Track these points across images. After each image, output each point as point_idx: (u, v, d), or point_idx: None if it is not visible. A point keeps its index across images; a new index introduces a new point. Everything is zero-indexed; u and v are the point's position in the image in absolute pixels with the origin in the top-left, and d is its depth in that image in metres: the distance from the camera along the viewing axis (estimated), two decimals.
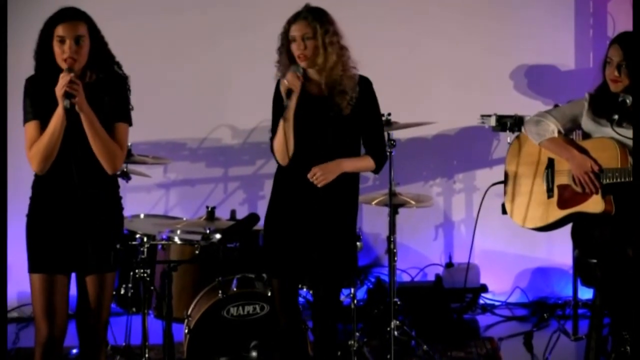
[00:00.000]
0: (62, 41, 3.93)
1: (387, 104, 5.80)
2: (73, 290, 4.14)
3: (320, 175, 4.14)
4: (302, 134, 4.17)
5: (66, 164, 4.00)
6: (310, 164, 4.16)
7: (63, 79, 3.88)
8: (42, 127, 3.95)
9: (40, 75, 4.02)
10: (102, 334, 4.14)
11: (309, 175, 4.14)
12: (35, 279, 4.02)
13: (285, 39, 4.20)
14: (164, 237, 5.34)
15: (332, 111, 4.18)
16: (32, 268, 4.02)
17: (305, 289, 5.08)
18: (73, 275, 4.11)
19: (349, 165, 4.21)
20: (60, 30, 3.93)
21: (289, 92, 4.08)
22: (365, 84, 4.26)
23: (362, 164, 4.26)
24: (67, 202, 4.02)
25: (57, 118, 3.92)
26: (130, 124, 4.13)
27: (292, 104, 4.10)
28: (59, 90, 3.88)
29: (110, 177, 4.09)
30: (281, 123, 4.10)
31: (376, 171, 4.34)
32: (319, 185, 4.14)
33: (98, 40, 4.05)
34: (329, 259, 4.22)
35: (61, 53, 3.94)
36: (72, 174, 4.00)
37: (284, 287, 4.26)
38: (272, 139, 4.24)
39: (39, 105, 3.97)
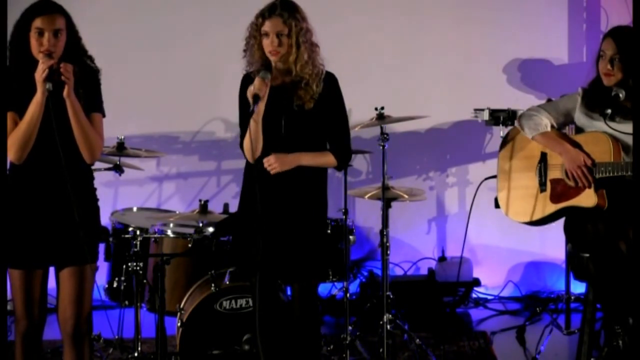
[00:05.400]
0: (40, 34, 3.90)
1: (381, 97, 5.83)
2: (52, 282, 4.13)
3: (274, 162, 4.15)
4: (265, 127, 4.16)
5: (44, 155, 3.96)
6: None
7: (44, 64, 3.85)
8: (18, 118, 3.92)
9: (15, 66, 3.98)
10: (84, 327, 4.08)
11: (264, 161, 4.15)
12: (15, 275, 4.01)
13: (257, 32, 4.18)
14: (157, 230, 5.33)
15: (295, 104, 4.18)
16: (11, 264, 4.00)
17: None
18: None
19: (307, 159, 4.21)
20: (39, 23, 3.90)
21: (256, 97, 4.03)
22: (330, 80, 4.25)
23: (322, 159, 4.26)
24: (45, 194, 3.99)
25: (35, 105, 3.89)
26: (104, 115, 4.11)
27: (259, 109, 4.07)
28: (40, 74, 3.85)
29: (86, 168, 4.08)
30: (251, 124, 4.08)
31: (339, 168, 4.35)
32: (271, 173, 4.15)
33: (74, 34, 4.02)
34: (300, 254, 4.21)
35: (38, 45, 3.91)
36: (50, 165, 3.96)
37: (261, 285, 4.26)
38: (242, 135, 4.23)
39: (13, 96, 3.94)
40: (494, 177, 4.73)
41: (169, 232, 5.34)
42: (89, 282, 4.08)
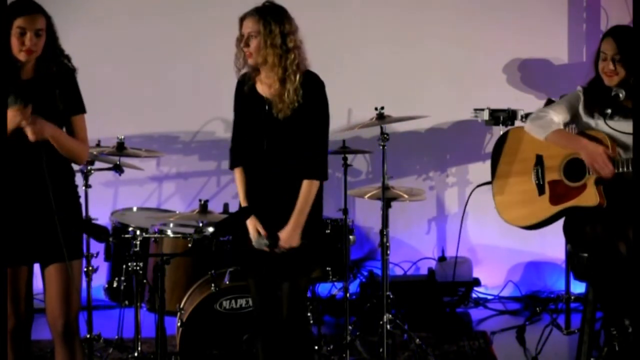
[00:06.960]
0: (22, 33, 3.92)
1: (381, 97, 5.83)
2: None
3: (286, 243, 4.13)
4: (251, 134, 4.16)
5: (24, 152, 3.95)
6: (261, 164, 4.19)
7: (19, 118, 3.85)
8: None
9: None
10: (74, 325, 4.08)
11: (274, 248, 4.15)
12: None
13: (240, 34, 4.18)
14: (157, 230, 5.34)
15: (276, 111, 4.14)
16: None
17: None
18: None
19: (304, 208, 4.12)
20: (20, 22, 3.92)
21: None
22: (311, 85, 4.13)
23: (312, 194, 4.14)
24: (26, 191, 3.98)
25: (10, 124, 3.88)
26: (85, 112, 4.11)
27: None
28: (15, 123, 3.85)
29: (67, 166, 4.09)
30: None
31: (321, 181, 4.21)
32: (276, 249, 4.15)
33: (52, 34, 4.04)
34: (286, 254, 4.18)
35: (19, 44, 3.92)
36: (31, 162, 3.95)
37: (259, 285, 4.27)
38: (233, 140, 4.30)
39: None
40: (488, 183, 4.73)
41: (169, 232, 5.34)
42: (76, 279, 4.07)
